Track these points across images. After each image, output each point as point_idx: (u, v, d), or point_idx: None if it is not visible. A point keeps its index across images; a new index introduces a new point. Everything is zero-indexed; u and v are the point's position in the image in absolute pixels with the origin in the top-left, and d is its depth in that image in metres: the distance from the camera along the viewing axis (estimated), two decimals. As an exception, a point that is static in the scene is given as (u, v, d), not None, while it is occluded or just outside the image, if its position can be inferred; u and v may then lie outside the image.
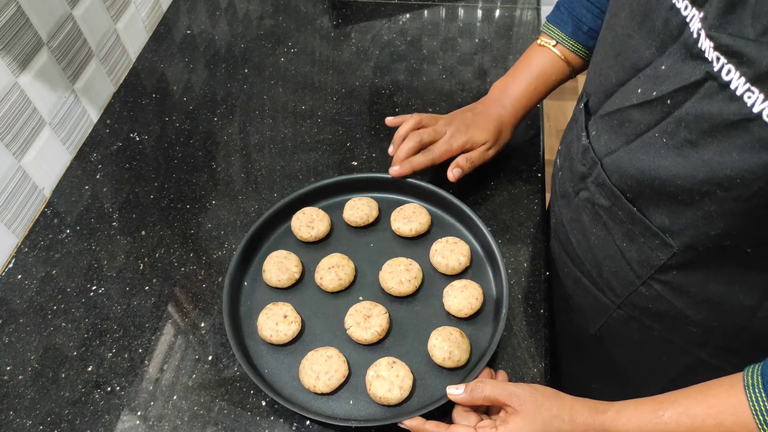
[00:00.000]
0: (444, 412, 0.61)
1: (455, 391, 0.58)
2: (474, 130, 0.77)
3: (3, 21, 0.76)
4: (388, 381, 0.62)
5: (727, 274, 0.53)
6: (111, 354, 0.70)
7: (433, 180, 0.80)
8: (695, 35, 0.43)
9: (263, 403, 0.65)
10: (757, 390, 0.45)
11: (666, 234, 0.53)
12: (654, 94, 0.48)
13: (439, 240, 0.74)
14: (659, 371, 0.67)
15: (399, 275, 0.70)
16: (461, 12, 1.16)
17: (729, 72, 0.40)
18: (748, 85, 0.39)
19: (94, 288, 0.76)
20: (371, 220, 0.77)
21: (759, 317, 0.54)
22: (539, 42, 0.79)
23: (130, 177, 0.88)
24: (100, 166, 0.90)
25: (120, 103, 1.00)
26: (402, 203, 0.80)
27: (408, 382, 0.62)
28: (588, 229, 0.64)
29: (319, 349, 0.65)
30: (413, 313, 0.70)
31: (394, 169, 0.77)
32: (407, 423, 0.60)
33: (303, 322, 0.69)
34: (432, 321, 0.69)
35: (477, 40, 1.09)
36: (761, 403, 0.44)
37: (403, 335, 0.68)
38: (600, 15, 0.73)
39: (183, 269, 0.77)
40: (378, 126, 0.94)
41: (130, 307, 0.74)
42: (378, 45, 1.09)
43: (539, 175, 0.85)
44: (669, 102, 0.47)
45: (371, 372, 0.63)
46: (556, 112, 2.26)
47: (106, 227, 0.82)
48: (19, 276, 0.77)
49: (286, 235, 0.78)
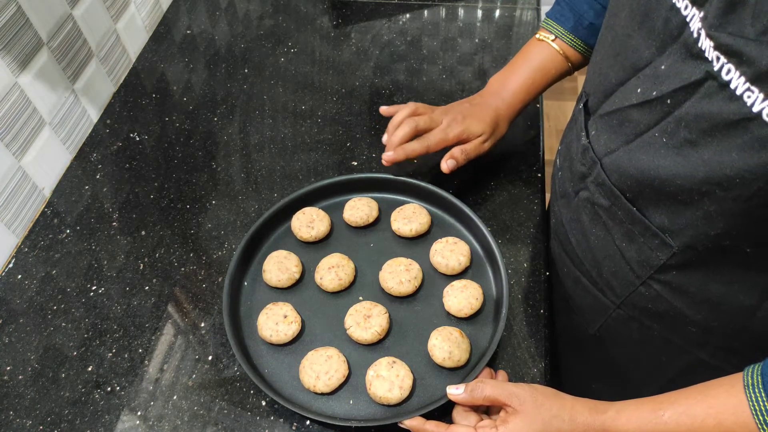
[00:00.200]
0: (444, 412, 0.61)
1: (455, 391, 0.58)
2: (471, 120, 0.77)
3: (3, 21, 0.76)
4: (388, 381, 0.62)
5: (727, 274, 0.53)
6: (111, 354, 0.70)
7: (433, 180, 0.80)
8: (695, 35, 0.43)
9: (263, 403, 0.65)
10: (757, 390, 0.45)
11: (665, 234, 0.53)
12: (654, 93, 0.48)
13: (439, 240, 0.74)
14: (659, 371, 0.67)
15: (399, 275, 0.70)
16: (461, 12, 1.16)
17: (729, 71, 0.40)
18: (747, 85, 0.39)
19: (94, 288, 0.76)
20: (371, 220, 0.77)
21: (758, 317, 0.54)
22: (538, 37, 0.79)
23: (130, 177, 0.88)
24: (100, 166, 0.90)
25: (120, 103, 1.00)
26: (402, 203, 0.80)
27: (408, 382, 0.62)
28: (588, 229, 0.64)
29: (319, 349, 0.65)
30: (413, 313, 0.70)
31: (387, 155, 0.75)
32: (407, 423, 0.60)
33: (303, 322, 0.69)
34: (432, 321, 0.69)
35: (477, 40, 1.09)
36: (761, 403, 0.44)
37: (403, 335, 0.68)
38: (602, 12, 0.73)
39: (183, 269, 0.77)
40: (378, 126, 0.94)
41: (130, 307, 0.74)
42: (378, 45, 1.09)
43: (539, 175, 0.85)
44: (669, 102, 0.47)
45: (371, 372, 0.63)
46: (556, 112, 2.26)
47: (106, 227, 0.82)
48: (19, 276, 0.77)
49: (286, 235, 0.78)
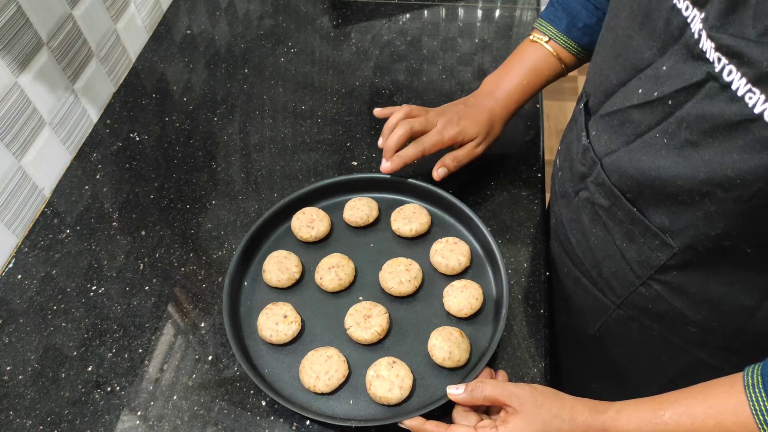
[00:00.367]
0: (444, 412, 0.61)
1: (455, 391, 0.58)
2: (466, 122, 0.77)
3: (3, 21, 0.76)
4: (388, 381, 0.62)
5: (727, 274, 0.53)
6: (111, 354, 0.70)
7: (433, 180, 0.80)
8: (696, 36, 0.43)
9: (263, 403, 0.65)
10: (757, 390, 0.45)
11: (666, 234, 0.53)
12: (655, 94, 0.48)
13: (439, 240, 0.74)
14: (659, 371, 0.67)
15: (399, 275, 0.70)
16: (461, 12, 1.16)
17: (730, 73, 0.40)
18: (749, 86, 0.39)
19: (94, 288, 0.76)
20: (371, 220, 0.77)
21: (759, 317, 0.54)
22: (531, 38, 0.79)
23: (130, 177, 0.88)
24: (100, 166, 0.90)
25: (120, 103, 1.00)
26: (402, 203, 0.80)
27: (408, 382, 0.62)
28: (588, 229, 0.64)
29: (319, 349, 0.65)
30: (413, 313, 0.70)
31: (385, 166, 0.75)
32: (407, 423, 0.60)
33: (303, 322, 0.69)
34: (432, 321, 0.69)
35: (477, 40, 1.09)
36: (761, 403, 0.44)
37: (403, 335, 0.68)
38: (594, 11, 0.73)
39: (183, 269, 0.77)
40: (378, 126, 0.93)
41: (130, 307, 0.74)
42: (378, 45, 1.09)
43: (539, 175, 0.85)
44: (670, 102, 0.47)
45: (371, 372, 0.63)
46: (556, 112, 2.26)
47: (106, 227, 0.82)
48: (19, 276, 0.77)
49: (286, 235, 0.78)
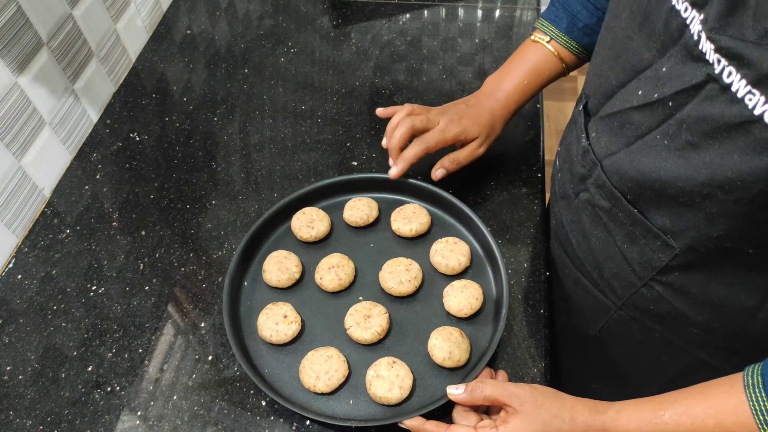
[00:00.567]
0: (444, 412, 0.61)
1: (455, 391, 0.58)
2: (467, 121, 0.77)
3: (3, 21, 0.76)
4: (388, 381, 0.62)
5: (729, 275, 0.53)
6: (111, 354, 0.70)
7: (433, 180, 0.80)
8: (696, 37, 0.43)
9: (263, 403, 0.65)
10: (757, 390, 0.45)
11: (667, 235, 0.53)
12: (655, 96, 0.48)
13: (439, 240, 0.74)
14: (659, 371, 0.67)
15: (399, 275, 0.71)
16: (461, 12, 1.16)
17: (730, 74, 0.40)
18: (749, 88, 0.39)
19: (94, 288, 0.76)
20: (371, 220, 0.77)
21: (759, 318, 0.54)
22: (533, 38, 0.79)
23: (130, 177, 0.88)
24: (100, 166, 0.90)
25: (120, 103, 1.00)
26: (402, 203, 0.80)
27: (408, 382, 0.62)
28: (588, 231, 0.64)
29: (319, 349, 0.65)
30: (413, 313, 0.70)
31: (392, 172, 0.76)
32: (407, 423, 0.60)
33: (303, 322, 0.69)
34: (432, 321, 0.69)
35: (477, 40, 1.09)
36: (761, 403, 0.44)
37: (403, 335, 0.68)
38: (595, 12, 0.73)
39: (183, 269, 0.77)
40: (378, 126, 0.94)
41: (130, 307, 0.74)
42: (378, 45, 1.09)
43: (539, 176, 0.86)
44: (670, 104, 0.47)
45: (371, 372, 0.63)
46: (556, 112, 2.26)
47: (106, 227, 0.82)
48: (19, 276, 0.77)
49: (286, 235, 0.78)
